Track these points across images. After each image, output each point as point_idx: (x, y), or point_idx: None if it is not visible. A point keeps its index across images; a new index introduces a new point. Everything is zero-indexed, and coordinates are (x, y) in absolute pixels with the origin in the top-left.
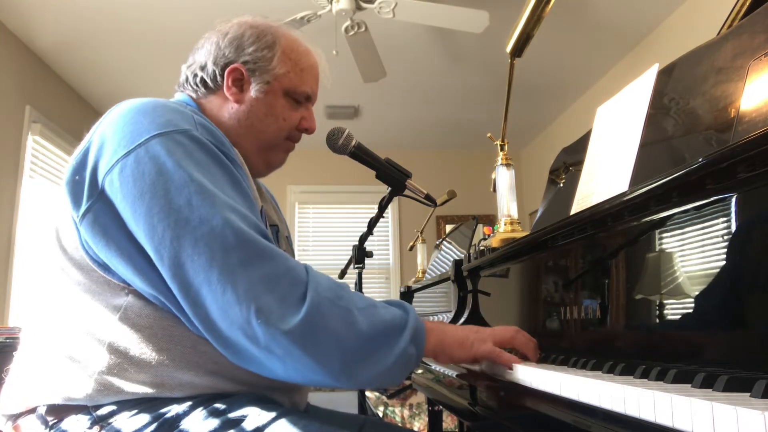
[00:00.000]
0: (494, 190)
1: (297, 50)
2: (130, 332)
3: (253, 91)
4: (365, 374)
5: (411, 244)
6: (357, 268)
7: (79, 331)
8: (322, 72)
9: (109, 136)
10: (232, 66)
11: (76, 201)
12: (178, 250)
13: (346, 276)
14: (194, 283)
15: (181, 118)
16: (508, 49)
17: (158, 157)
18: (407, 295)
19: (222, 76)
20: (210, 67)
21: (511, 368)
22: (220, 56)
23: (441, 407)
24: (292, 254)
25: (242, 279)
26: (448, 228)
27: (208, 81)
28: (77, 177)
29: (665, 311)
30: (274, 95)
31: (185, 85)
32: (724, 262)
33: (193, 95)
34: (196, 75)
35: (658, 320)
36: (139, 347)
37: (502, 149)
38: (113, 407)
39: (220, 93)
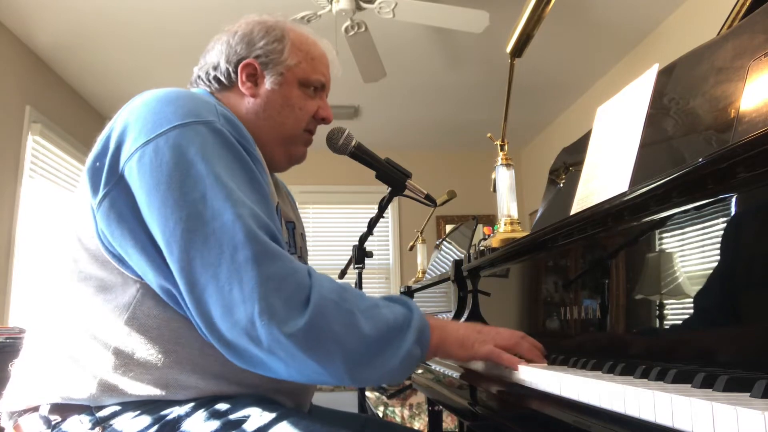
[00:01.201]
0: (494, 190)
1: (306, 41)
2: (137, 333)
3: (267, 83)
4: (370, 375)
5: (411, 244)
6: (357, 268)
7: (85, 331)
8: (331, 62)
9: (132, 123)
10: (245, 61)
11: (95, 187)
12: (189, 244)
13: (346, 276)
14: (201, 280)
15: (204, 108)
16: (508, 49)
17: (177, 148)
18: (407, 295)
19: (236, 72)
20: (223, 65)
21: (513, 369)
22: (232, 54)
23: (441, 407)
24: (306, 251)
25: (248, 277)
26: (448, 228)
27: (222, 79)
28: (98, 163)
29: (665, 311)
30: (289, 86)
31: (198, 81)
32: (724, 263)
33: (208, 90)
34: (208, 73)
35: (657, 320)
36: (145, 348)
37: (502, 149)
38: (116, 408)
39: (235, 90)
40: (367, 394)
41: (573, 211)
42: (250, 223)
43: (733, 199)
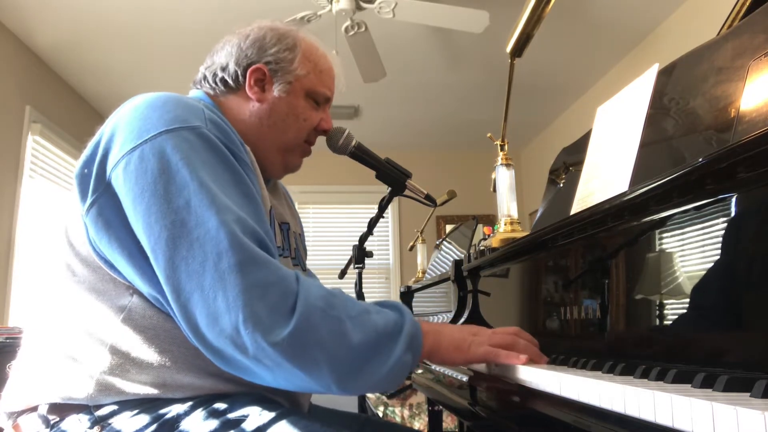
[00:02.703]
0: (494, 190)
1: (316, 53)
2: (132, 333)
3: (275, 90)
4: (358, 384)
5: (411, 244)
6: (357, 268)
7: (81, 331)
8: (337, 77)
9: (119, 129)
10: (254, 66)
11: (83, 194)
12: (174, 252)
13: (346, 276)
14: (186, 288)
15: (191, 113)
16: (508, 49)
17: (162, 155)
18: (407, 295)
19: (244, 76)
20: (232, 67)
21: (512, 365)
22: (243, 57)
23: (441, 407)
24: (305, 252)
25: (232, 285)
26: (448, 228)
27: (230, 81)
28: (86, 170)
29: (665, 311)
30: (296, 95)
31: (203, 82)
32: (724, 263)
33: (211, 92)
34: (216, 74)
35: (658, 320)
36: (141, 348)
37: (502, 149)
38: (114, 407)
39: (241, 93)
40: (367, 394)
41: (573, 211)
42: (234, 230)
43: (733, 199)
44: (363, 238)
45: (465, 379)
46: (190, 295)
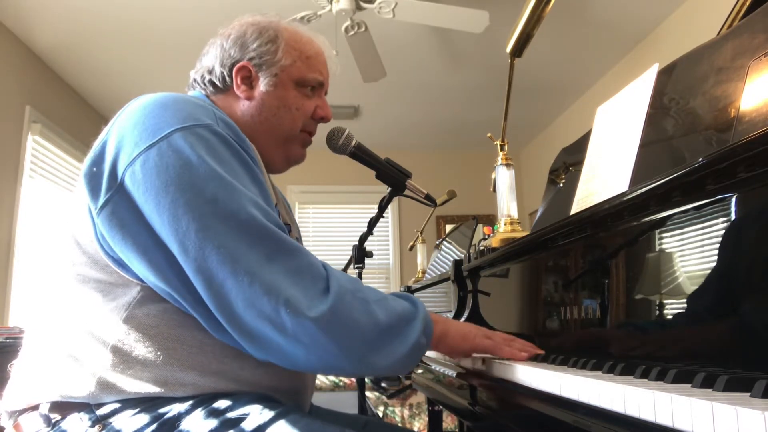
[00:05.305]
0: (494, 190)
1: (300, 40)
2: (135, 331)
3: (262, 85)
4: (382, 362)
5: (411, 244)
6: (357, 268)
7: (83, 329)
8: (329, 59)
9: (130, 128)
10: (239, 64)
11: (94, 193)
12: (204, 242)
13: None
14: (219, 276)
15: (202, 112)
16: (508, 49)
17: (181, 151)
18: None
19: (230, 76)
20: (217, 69)
21: (513, 360)
22: (226, 57)
23: (441, 407)
24: None
25: (268, 272)
26: (448, 228)
27: (217, 82)
28: (95, 169)
29: (665, 311)
30: (284, 87)
31: (194, 84)
32: (723, 263)
33: (204, 93)
34: (204, 77)
35: (658, 320)
36: (144, 346)
37: (502, 149)
38: (115, 405)
39: (230, 93)
40: (367, 394)
41: (573, 211)
42: (263, 220)
43: (733, 199)
44: (363, 238)
45: (461, 372)
46: (223, 282)
